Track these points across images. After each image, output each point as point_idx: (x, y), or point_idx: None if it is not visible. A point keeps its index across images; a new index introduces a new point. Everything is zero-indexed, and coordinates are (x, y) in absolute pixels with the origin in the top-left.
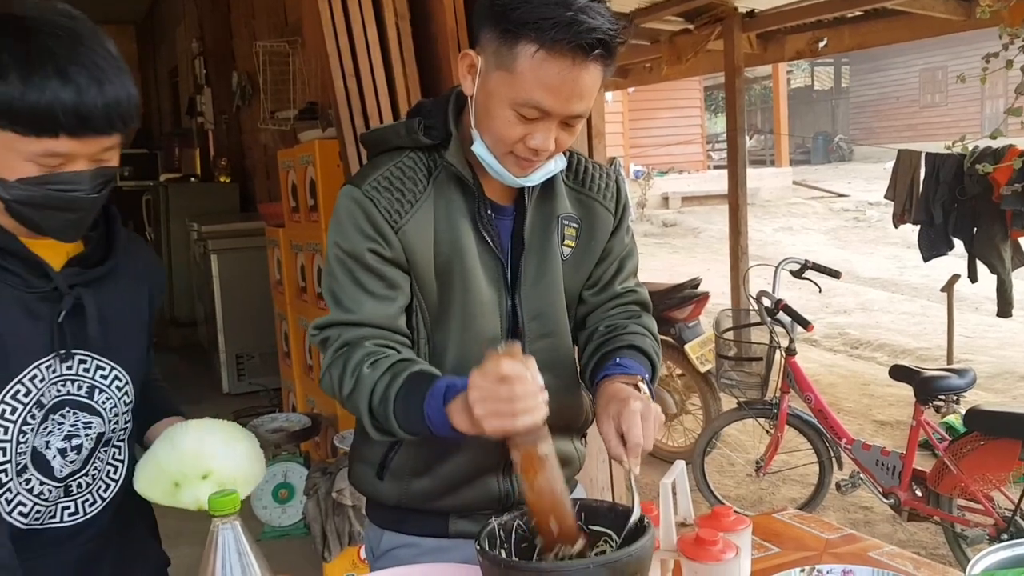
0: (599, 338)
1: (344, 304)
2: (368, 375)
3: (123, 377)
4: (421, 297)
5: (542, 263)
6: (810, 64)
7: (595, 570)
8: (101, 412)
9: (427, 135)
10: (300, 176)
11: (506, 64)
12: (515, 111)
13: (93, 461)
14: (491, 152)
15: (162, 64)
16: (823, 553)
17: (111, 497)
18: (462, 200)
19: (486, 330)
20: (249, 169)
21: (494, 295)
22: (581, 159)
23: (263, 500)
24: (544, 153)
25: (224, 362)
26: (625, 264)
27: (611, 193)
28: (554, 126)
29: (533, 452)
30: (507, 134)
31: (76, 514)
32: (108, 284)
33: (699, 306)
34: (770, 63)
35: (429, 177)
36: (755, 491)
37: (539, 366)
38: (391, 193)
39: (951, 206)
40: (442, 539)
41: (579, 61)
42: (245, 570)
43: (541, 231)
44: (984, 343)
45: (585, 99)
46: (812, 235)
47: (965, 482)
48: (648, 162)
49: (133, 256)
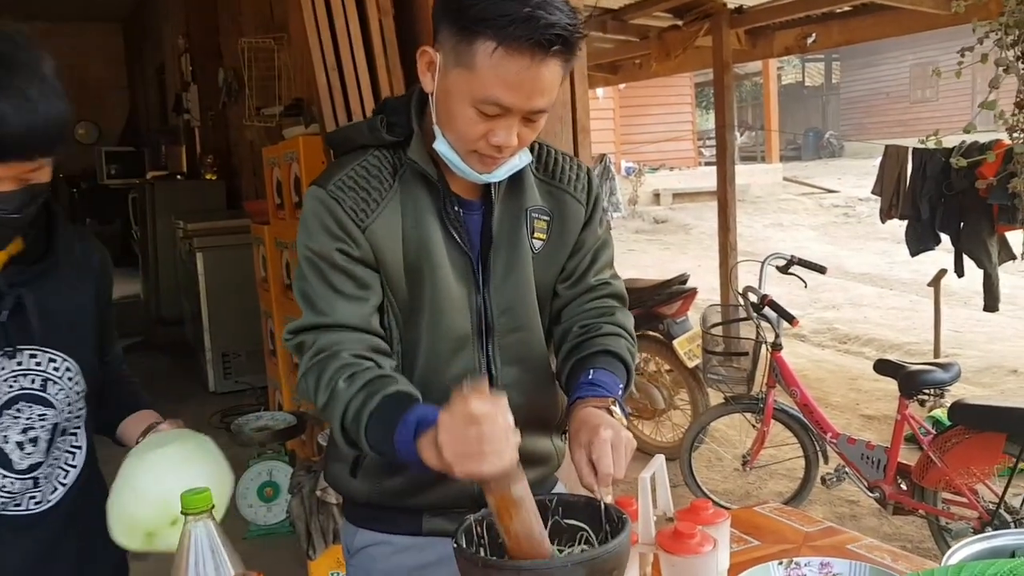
0: (573, 339)
1: (317, 306)
2: (343, 391)
3: (74, 367)
4: (391, 296)
5: (511, 257)
6: (801, 60)
7: (573, 568)
8: (55, 403)
9: (391, 132)
10: (285, 173)
11: (465, 61)
12: (476, 108)
13: (52, 451)
14: (454, 150)
15: (148, 61)
16: (802, 546)
17: (71, 483)
18: (428, 197)
19: (455, 327)
20: (236, 166)
21: (463, 291)
22: (551, 151)
23: (248, 499)
24: (507, 150)
25: (210, 360)
26: (599, 256)
27: (582, 184)
28: (516, 122)
29: (508, 495)
30: (469, 132)
31: (40, 502)
32: (50, 279)
33: (687, 302)
34: (759, 59)
35: (395, 175)
36: (742, 485)
37: (511, 361)
38: (356, 192)
39: (938, 201)
40: (416, 537)
41: (538, 57)
42: (218, 568)
43: (509, 225)
44: (972, 337)
45: (546, 94)
46: (802, 231)
47: (950, 476)
48: (639, 159)
49: (75, 249)
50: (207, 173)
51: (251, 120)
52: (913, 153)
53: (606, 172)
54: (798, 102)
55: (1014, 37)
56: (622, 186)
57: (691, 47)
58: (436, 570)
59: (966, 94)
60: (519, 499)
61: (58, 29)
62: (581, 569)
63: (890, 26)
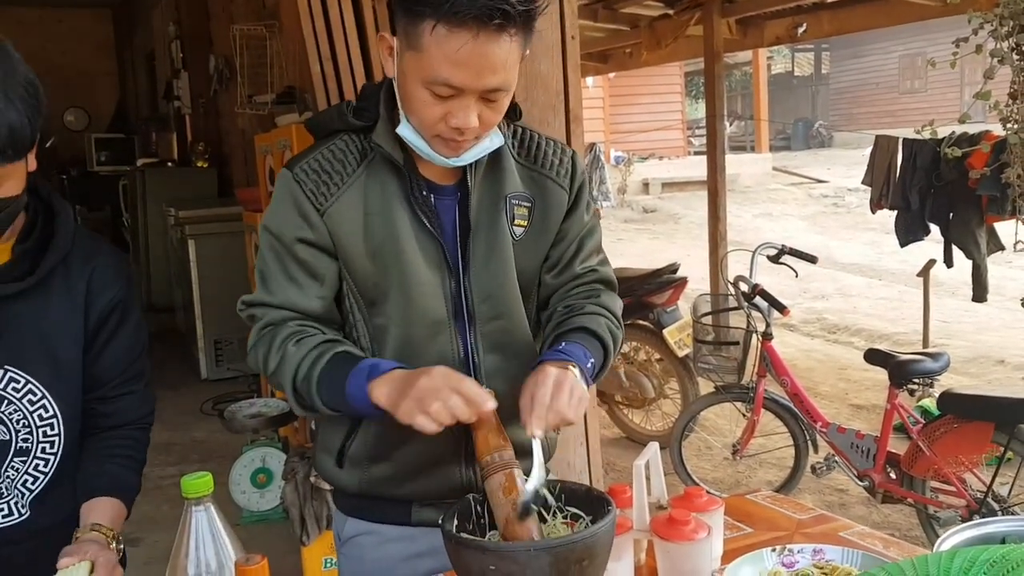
0: (556, 319)
1: (270, 287)
2: (292, 353)
3: (38, 392)
4: (352, 282)
5: (491, 244)
6: (790, 50)
7: (536, 554)
8: (6, 421)
9: (358, 117)
10: (277, 161)
11: (413, 43)
12: (428, 90)
13: (5, 469)
14: (418, 134)
15: (139, 48)
16: (795, 533)
17: (32, 503)
18: (395, 182)
19: (429, 312)
20: (227, 154)
21: (435, 277)
22: (534, 135)
23: (242, 485)
24: (469, 132)
25: (202, 348)
26: (585, 243)
27: (565, 170)
28: (472, 103)
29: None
30: (426, 115)
31: (7, 515)
32: (31, 297)
33: (677, 291)
34: (749, 48)
35: (362, 160)
36: (732, 474)
37: (492, 348)
38: (318, 176)
39: (927, 191)
40: (405, 527)
41: (482, 33)
42: (219, 552)
43: (488, 211)
44: (960, 328)
45: (499, 72)
46: (791, 221)
47: (938, 464)
48: (629, 148)
49: (73, 269)
50: (198, 161)
51: (243, 108)
52: (903, 144)
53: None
54: (788, 92)
55: (1008, 28)
56: (611, 175)
57: (681, 36)
58: (427, 561)
59: (954, 85)
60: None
61: (48, 15)
62: (545, 555)
63: (881, 16)
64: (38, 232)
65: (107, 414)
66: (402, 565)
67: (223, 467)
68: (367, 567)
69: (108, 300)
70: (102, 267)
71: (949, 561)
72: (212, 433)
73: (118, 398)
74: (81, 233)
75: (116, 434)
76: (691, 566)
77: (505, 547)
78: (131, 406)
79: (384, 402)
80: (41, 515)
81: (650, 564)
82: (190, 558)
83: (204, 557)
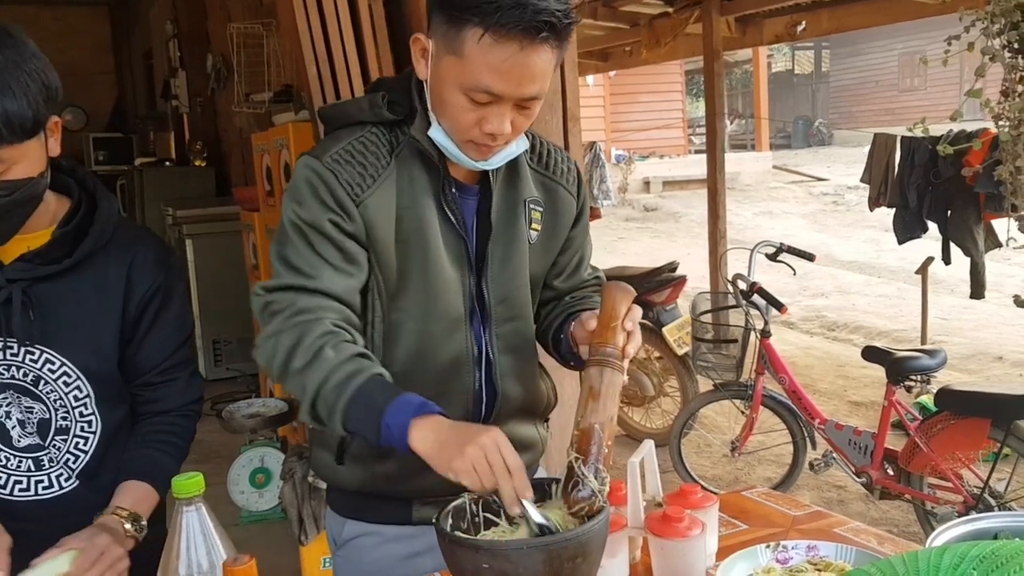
0: (565, 305)
1: (301, 269)
2: (330, 357)
3: (72, 373)
4: (379, 274)
5: (509, 247)
6: (791, 48)
7: (529, 551)
8: (45, 400)
9: (391, 110)
10: (274, 160)
11: (454, 49)
12: (466, 96)
13: (49, 446)
14: (449, 137)
15: (136, 46)
16: (789, 529)
17: (76, 480)
18: (426, 177)
19: (450, 310)
20: (224, 153)
21: (456, 274)
22: (544, 143)
23: (240, 485)
24: (501, 137)
25: (200, 347)
26: (586, 253)
27: (573, 177)
28: (508, 109)
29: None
30: (461, 120)
31: (49, 487)
32: (67, 280)
33: (676, 289)
34: (749, 47)
35: (392, 153)
36: (731, 471)
37: (504, 349)
38: (353, 167)
39: (926, 189)
40: (405, 526)
41: (527, 44)
42: (210, 552)
43: (508, 214)
44: (959, 325)
45: (538, 82)
46: (791, 219)
47: (935, 461)
48: (629, 146)
49: (112, 254)
50: (196, 160)
51: (240, 106)
52: (901, 141)
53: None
54: (788, 90)
55: (1000, 26)
56: (612, 174)
57: (681, 34)
58: (426, 559)
59: (954, 83)
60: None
61: (45, 13)
62: (539, 553)
63: (880, 14)
64: (79, 219)
65: (152, 400)
66: (401, 565)
67: (222, 467)
68: (365, 568)
69: (148, 288)
70: (142, 256)
71: (939, 557)
72: (210, 433)
73: (162, 385)
74: (124, 223)
75: (160, 420)
76: (685, 563)
77: (498, 545)
78: (175, 393)
79: (424, 448)
80: (92, 491)
81: (645, 561)
82: (181, 559)
83: (195, 558)
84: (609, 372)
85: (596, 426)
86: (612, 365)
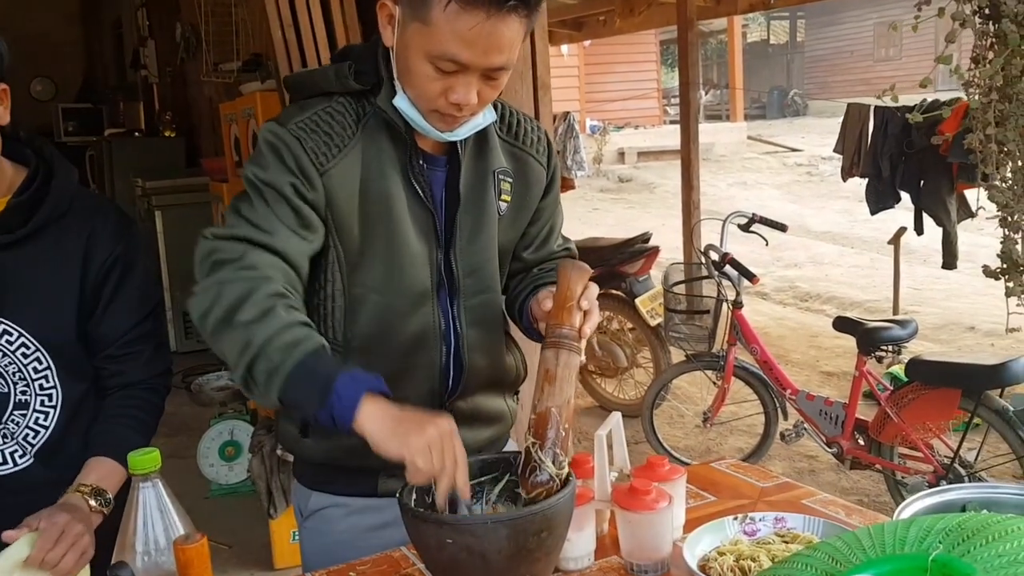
0: (532, 277)
1: (258, 224)
2: (282, 316)
3: (31, 344)
4: (340, 246)
5: (479, 219)
6: (766, 18)
7: (493, 526)
8: (3, 373)
9: (357, 80)
10: (243, 129)
11: (421, 16)
12: (432, 64)
13: (7, 420)
14: (414, 106)
15: (105, 15)
16: (757, 501)
17: (34, 455)
18: (392, 148)
19: (415, 283)
20: (194, 123)
21: (423, 247)
22: (513, 112)
23: (210, 458)
24: (468, 108)
25: (170, 319)
26: (556, 224)
27: (543, 147)
28: (475, 79)
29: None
30: (427, 89)
31: (3, 464)
32: (24, 250)
33: (649, 260)
34: (723, 16)
35: (358, 123)
36: (703, 442)
37: (472, 323)
38: (319, 136)
39: (899, 159)
40: (371, 498)
41: (494, 13)
42: (167, 528)
43: (477, 186)
44: (931, 295)
45: (505, 52)
46: (766, 190)
47: (906, 431)
48: (604, 117)
49: (71, 222)
50: (166, 130)
51: (208, 76)
52: (875, 111)
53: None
54: (763, 60)
55: None
56: (586, 144)
57: (655, 3)
58: (393, 531)
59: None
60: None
61: None
62: (503, 528)
63: None
64: (35, 188)
65: (116, 373)
66: (368, 536)
67: (191, 440)
68: (332, 539)
69: (106, 258)
70: (101, 226)
71: (905, 530)
72: (180, 406)
73: (125, 357)
74: (83, 193)
75: (125, 394)
76: (653, 535)
77: (462, 520)
78: (139, 366)
79: (374, 424)
80: (48, 468)
81: (612, 534)
82: (138, 535)
83: (152, 534)
84: (565, 354)
85: (553, 410)
86: (568, 347)
